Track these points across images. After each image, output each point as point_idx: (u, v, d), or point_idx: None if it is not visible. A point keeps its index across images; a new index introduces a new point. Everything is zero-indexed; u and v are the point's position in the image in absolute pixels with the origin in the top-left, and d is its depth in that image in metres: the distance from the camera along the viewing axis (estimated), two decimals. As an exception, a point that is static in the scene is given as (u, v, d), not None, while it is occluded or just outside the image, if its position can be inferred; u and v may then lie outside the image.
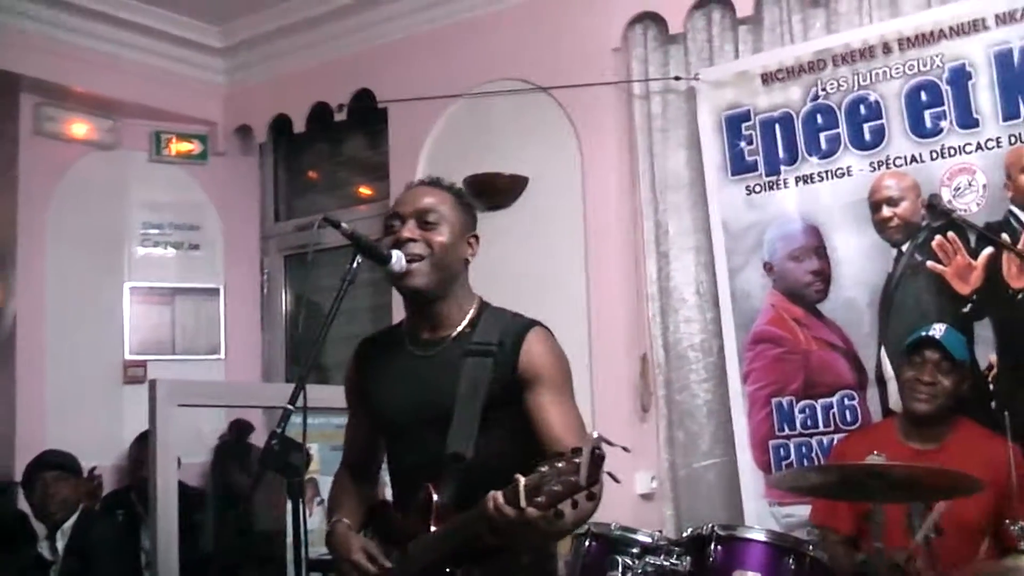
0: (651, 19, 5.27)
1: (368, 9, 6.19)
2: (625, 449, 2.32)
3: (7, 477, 5.79)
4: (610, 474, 2.31)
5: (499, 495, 2.42)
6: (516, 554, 2.75)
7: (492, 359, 2.88)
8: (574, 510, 2.34)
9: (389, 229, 2.99)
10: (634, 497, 4.97)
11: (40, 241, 6.33)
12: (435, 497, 2.77)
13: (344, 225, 2.92)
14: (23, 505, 5.48)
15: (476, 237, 3.06)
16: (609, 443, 2.26)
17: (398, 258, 2.90)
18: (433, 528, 2.77)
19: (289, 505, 2.86)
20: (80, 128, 6.55)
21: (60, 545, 5.14)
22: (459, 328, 2.99)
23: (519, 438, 2.83)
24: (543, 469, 2.33)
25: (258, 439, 6.24)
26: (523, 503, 2.36)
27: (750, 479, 4.70)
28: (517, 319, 2.98)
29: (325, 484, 5.01)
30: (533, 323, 2.96)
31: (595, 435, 2.25)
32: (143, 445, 5.61)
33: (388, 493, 3.22)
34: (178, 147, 6.90)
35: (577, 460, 2.26)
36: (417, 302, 3.01)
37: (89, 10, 6.24)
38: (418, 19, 6.07)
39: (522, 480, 2.37)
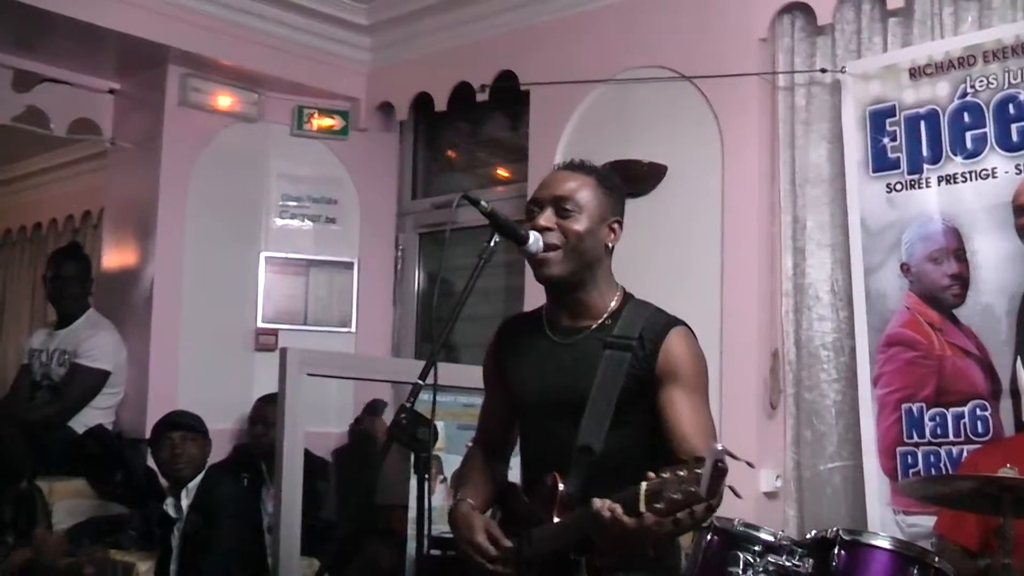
0: (799, 9, 5.17)
1: (514, -10, 6.20)
2: (749, 464, 2.30)
3: (137, 435, 5.92)
4: (732, 488, 2.29)
5: (617, 506, 2.42)
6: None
7: (631, 353, 2.87)
8: (691, 519, 2.33)
9: (530, 214, 2.99)
10: (758, 495, 4.89)
11: (180, 208, 6.48)
12: (560, 487, 2.78)
13: (483, 203, 2.94)
14: (150, 463, 5.62)
15: (619, 222, 3.02)
16: (733, 456, 2.23)
17: (535, 239, 2.90)
18: (555, 518, 2.77)
19: (414, 480, 2.89)
20: (225, 100, 6.68)
21: (185, 504, 5.24)
22: (600, 319, 2.97)
23: (649, 435, 2.83)
24: (665, 475, 2.32)
25: (387, 416, 6.30)
26: (642, 508, 2.35)
27: (876, 485, 4.59)
28: (660, 315, 2.95)
29: (450, 462, 5.08)
30: (676, 321, 2.94)
31: (719, 447, 2.22)
32: (264, 405, 5.74)
33: (515, 475, 3.23)
34: (320, 122, 7.01)
35: (699, 471, 2.23)
36: (556, 290, 3.01)
37: (239, -16, 6.34)
38: (563, 2, 6.04)
39: (643, 485, 2.35)
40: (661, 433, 2.81)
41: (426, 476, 2.89)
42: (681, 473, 2.28)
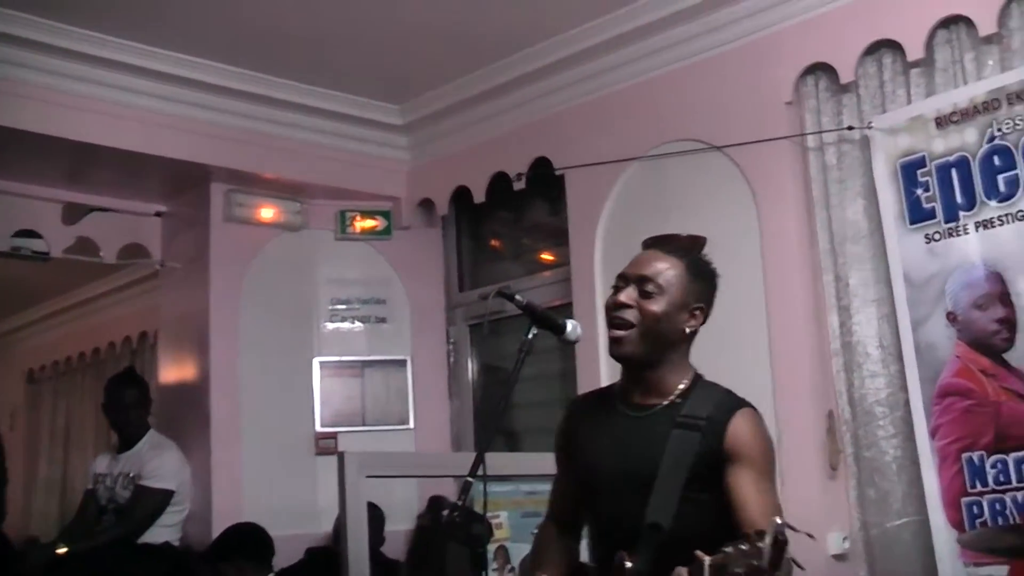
0: (821, 69, 5.19)
1: (541, 79, 6.27)
2: (810, 536, 2.31)
3: (205, 548, 5.94)
4: (794, 560, 2.30)
5: (684, 572, 2.42)
6: None
7: (699, 433, 2.91)
8: None
9: (615, 289, 3.07)
10: (827, 558, 4.84)
11: (233, 322, 6.58)
12: (628, 565, 2.78)
13: (518, 297, 3.02)
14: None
15: (702, 309, 3.09)
16: (793, 529, 2.26)
17: (573, 327, 2.98)
18: None
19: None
20: (268, 212, 6.82)
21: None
22: (671, 397, 3.03)
23: (718, 516, 2.84)
24: (727, 550, 2.33)
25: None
26: None
27: (944, 539, 4.50)
28: (729, 397, 3.03)
29: (516, 551, 5.09)
30: (744, 403, 3.01)
31: (779, 521, 2.24)
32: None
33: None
34: (362, 224, 7.12)
35: (760, 544, 2.26)
36: (629, 368, 3.08)
37: (274, 99, 6.47)
38: (590, 86, 6.12)
39: (707, 559, 2.35)
40: (729, 514, 2.83)
41: (484, 571, 2.91)
42: (743, 547, 2.30)
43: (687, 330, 3.05)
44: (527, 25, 5.88)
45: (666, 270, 3.04)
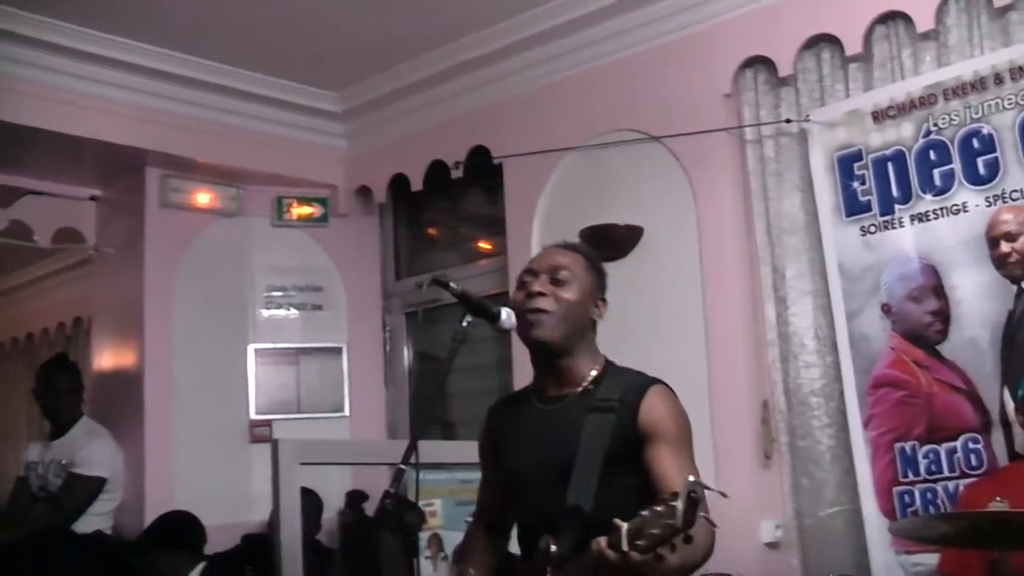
0: (760, 63, 5.22)
1: (480, 68, 6.26)
2: (723, 494, 2.36)
3: (137, 537, 5.89)
4: (707, 518, 2.34)
5: (603, 540, 2.45)
6: None
7: (614, 414, 2.94)
8: (673, 553, 2.35)
9: (522, 285, 3.09)
10: (760, 546, 4.89)
11: (167, 308, 6.51)
12: (553, 548, 2.80)
13: (453, 285, 3.02)
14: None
15: (604, 300, 3.15)
16: (706, 487, 2.29)
17: (508, 315, 2.99)
18: None
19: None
20: (204, 197, 6.75)
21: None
22: (583, 384, 3.06)
23: (638, 493, 2.85)
24: (644, 514, 2.36)
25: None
26: (625, 547, 2.38)
27: (875, 527, 4.56)
28: (640, 377, 3.05)
29: (449, 539, 5.09)
30: (655, 381, 3.03)
31: (692, 479, 2.28)
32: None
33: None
34: (299, 211, 7.06)
35: (674, 504, 2.29)
36: (544, 357, 3.09)
37: (211, 84, 6.40)
38: (529, 75, 6.12)
39: (624, 525, 2.39)
40: (650, 491, 2.84)
41: (416, 558, 2.90)
42: (659, 509, 2.33)
43: (595, 319, 3.12)
44: (466, 14, 5.87)
45: (572, 262, 3.11)
